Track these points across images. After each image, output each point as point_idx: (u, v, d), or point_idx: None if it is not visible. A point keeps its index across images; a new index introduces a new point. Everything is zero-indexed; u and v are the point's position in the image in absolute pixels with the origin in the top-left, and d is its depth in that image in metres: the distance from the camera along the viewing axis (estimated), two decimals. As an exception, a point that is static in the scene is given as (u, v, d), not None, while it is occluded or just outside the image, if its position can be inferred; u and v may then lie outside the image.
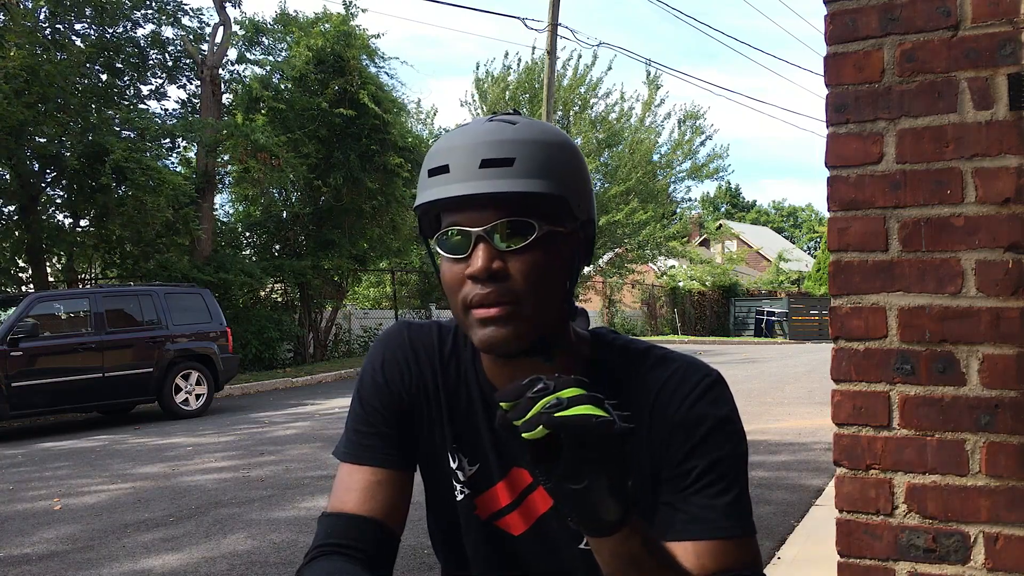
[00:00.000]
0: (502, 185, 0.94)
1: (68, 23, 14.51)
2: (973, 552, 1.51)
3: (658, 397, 1.03)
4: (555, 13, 18.31)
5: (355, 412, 1.12)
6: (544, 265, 0.97)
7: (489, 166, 0.94)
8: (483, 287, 0.95)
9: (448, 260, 0.99)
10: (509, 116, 1.00)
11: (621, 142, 25.16)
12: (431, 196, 0.97)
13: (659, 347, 1.09)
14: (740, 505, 1.00)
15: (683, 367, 1.05)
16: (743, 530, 0.99)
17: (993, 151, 1.50)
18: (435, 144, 1.01)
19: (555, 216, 0.98)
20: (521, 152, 0.95)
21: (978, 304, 1.51)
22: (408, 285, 22.15)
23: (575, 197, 0.99)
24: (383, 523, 1.05)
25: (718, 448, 1.00)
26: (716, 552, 0.97)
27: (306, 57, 16.31)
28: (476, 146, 0.96)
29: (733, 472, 1.01)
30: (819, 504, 4.89)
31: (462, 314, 0.99)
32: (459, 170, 0.95)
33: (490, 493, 1.09)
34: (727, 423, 1.02)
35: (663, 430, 1.02)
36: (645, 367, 1.06)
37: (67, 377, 9.79)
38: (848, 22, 1.60)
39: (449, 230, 0.98)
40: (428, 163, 0.99)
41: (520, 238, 0.96)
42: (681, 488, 1.00)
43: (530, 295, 0.96)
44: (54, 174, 14.27)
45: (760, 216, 69.13)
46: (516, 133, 0.97)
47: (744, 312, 32.26)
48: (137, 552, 4.57)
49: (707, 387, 1.03)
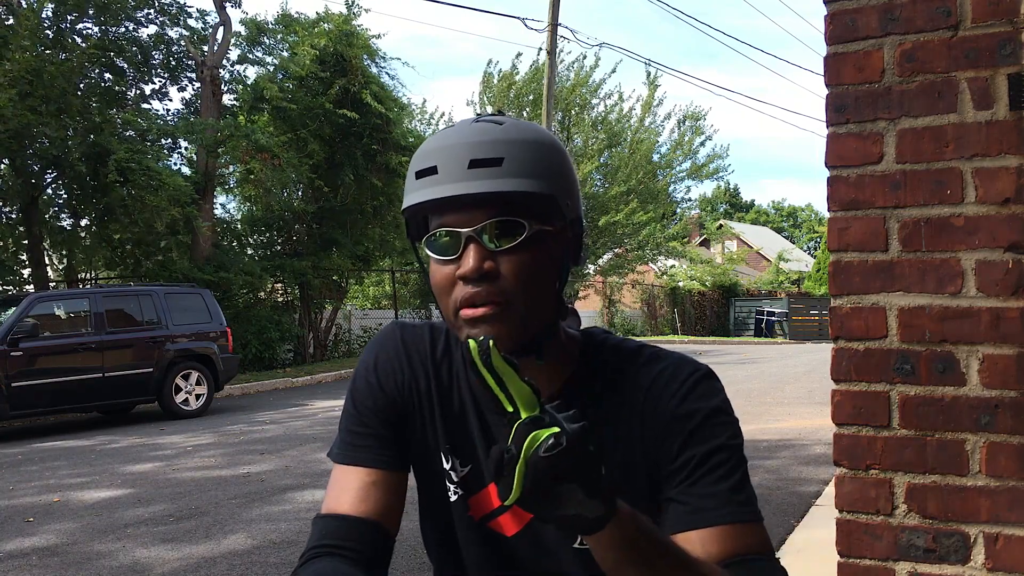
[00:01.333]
0: (491, 185, 0.94)
1: (71, 23, 14.51)
2: (973, 552, 1.51)
3: (649, 393, 1.03)
4: (555, 13, 18.31)
5: (348, 413, 1.11)
6: (534, 264, 0.97)
7: (478, 166, 0.94)
8: (473, 287, 0.95)
9: (438, 262, 0.99)
10: (495, 116, 1.00)
11: (621, 142, 25.17)
12: (420, 198, 0.96)
13: (650, 346, 1.09)
14: (742, 491, 1.00)
15: (673, 363, 1.05)
16: (748, 515, 0.99)
17: (993, 151, 1.50)
18: (421, 146, 1.01)
19: (544, 215, 0.98)
20: (509, 152, 0.95)
21: (978, 304, 1.51)
22: (408, 285, 22.15)
23: (563, 196, 0.99)
24: (378, 524, 1.05)
25: (713, 437, 1.00)
26: (722, 538, 0.96)
27: (310, 55, 16.31)
28: (464, 146, 0.95)
29: (731, 460, 1.01)
30: (819, 504, 4.89)
31: (452, 316, 0.99)
32: (447, 171, 0.95)
33: (483, 494, 1.09)
34: (719, 413, 1.02)
35: (656, 427, 1.02)
36: (636, 365, 1.06)
37: (67, 377, 9.79)
38: (848, 22, 1.60)
39: (438, 231, 0.98)
40: (415, 165, 0.98)
41: (510, 238, 0.96)
42: (681, 480, 1.00)
43: (521, 294, 0.96)
44: (55, 174, 14.28)
45: (760, 216, 69.13)
46: (503, 133, 0.97)
47: (744, 312, 32.25)
48: (137, 551, 4.57)
49: (697, 381, 1.03)
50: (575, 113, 24.68)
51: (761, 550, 0.97)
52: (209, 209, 16.08)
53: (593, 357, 1.08)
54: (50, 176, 14.35)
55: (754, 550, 0.97)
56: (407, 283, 22.15)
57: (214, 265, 15.24)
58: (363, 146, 16.73)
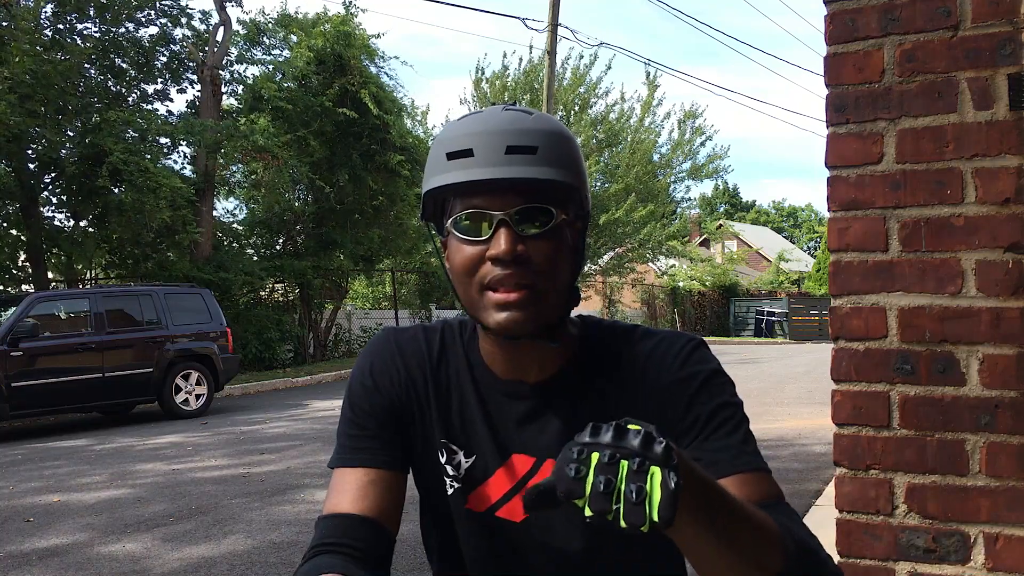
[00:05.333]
0: (527, 172, 0.97)
1: (70, 23, 14.51)
2: (973, 552, 1.51)
3: (648, 363, 1.06)
4: (555, 13, 18.30)
5: (346, 418, 1.13)
6: (558, 251, 1.01)
7: (514, 152, 0.97)
8: (504, 269, 0.98)
9: (465, 242, 1.01)
10: (523, 108, 1.03)
11: (621, 142, 25.16)
12: (454, 178, 0.99)
13: (644, 326, 1.13)
14: (751, 443, 1.03)
15: (668, 336, 1.09)
16: (761, 464, 1.01)
17: (993, 151, 1.50)
18: (448, 129, 1.03)
19: (566, 206, 1.02)
20: (542, 141, 0.99)
21: (978, 304, 1.51)
22: (408, 285, 22.14)
23: (584, 189, 1.04)
24: (378, 522, 1.05)
25: (717, 395, 1.04)
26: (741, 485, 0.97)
27: (307, 57, 16.31)
28: (501, 133, 0.98)
29: (736, 415, 1.04)
30: (819, 504, 4.88)
31: (477, 295, 1.01)
32: (484, 155, 0.98)
33: (486, 485, 1.10)
34: (718, 375, 1.06)
35: (659, 393, 1.05)
36: (632, 341, 1.09)
37: (67, 377, 9.79)
38: (848, 22, 1.60)
39: (471, 212, 1.00)
40: (446, 147, 1.00)
41: (539, 224, 0.99)
42: (693, 438, 1.02)
43: (548, 279, 1.00)
44: (54, 175, 14.27)
45: (760, 216, 69.11)
46: (535, 123, 1.00)
47: (744, 312, 32.25)
48: (137, 551, 4.57)
49: (693, 348, 1.07)
50: (575, 112, 24.68)
51: (779, 496, 1.00)
52: (209, 210, 16.07)
53: (590, 338, 1.11)
54: (49, 177, 14.34)
55: (773, 495, 0.99)
56: (406, 283, 22.16)
57: (214, 265, 15.23)
58: (362, 146, 16.73)
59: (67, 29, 14.42)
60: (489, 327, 1.01)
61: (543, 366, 1.08)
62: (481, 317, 1.02)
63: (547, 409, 1.08)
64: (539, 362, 1.07)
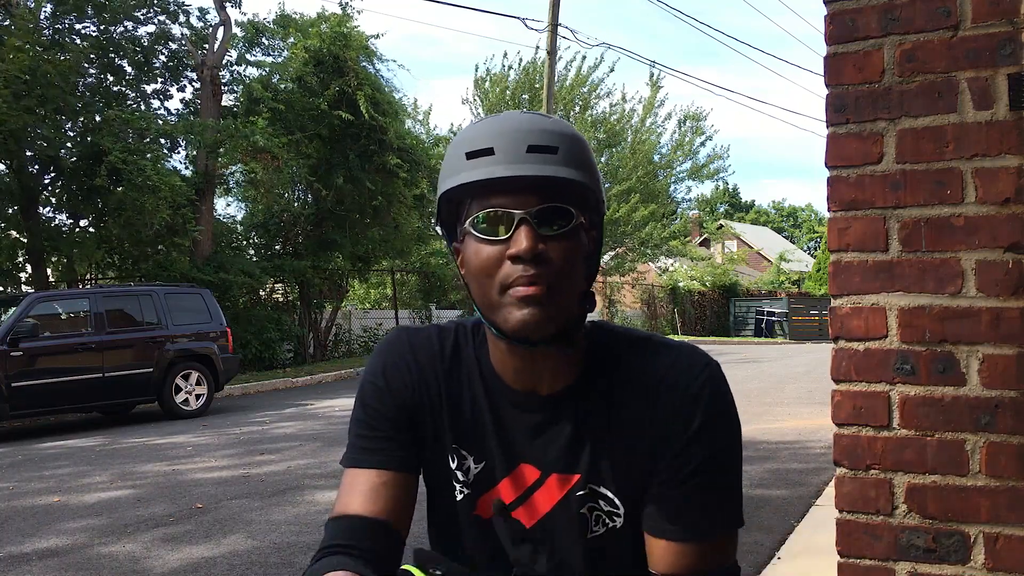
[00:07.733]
0: (549, 170, 0.97)
1: (69, 23, 14.50)
2: (973, 552, 1.51)
3: (661, 383, 1.05)
4: (555, 13, 18.30)
5: (358, 419, 1.12)
6: (576, 253, 1.01)
7: (535, 151, 0.98)
8: (525, 268, 0.97)
9: (484, 242, 1.00)
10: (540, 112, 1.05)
11: (622, 142, 25.17)
12: (475, 176, 0.98)
13: (659, 335, 1.12)
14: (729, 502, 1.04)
15: (683, 355, 1.07)
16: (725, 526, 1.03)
17: (993, 151, 1.50)
18: (466, 131, 1.03)
19: (584, 209, 1.02)
20: (562, 143, 0.99)
21: (978, 304, 1.51)
22: (407, 285, 22.13)
23: (600, 194, 1.05)
24: (388, 523, 1.05)
25: (715, 441, 1.03)
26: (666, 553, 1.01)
27: (303, 58, 16.30)
28: (521, 132, 0.99)
29: (728, 463, 1.04)
30: (819, 504, 4.88)
31: (496, 295, 0.99)
32: (505, 153, 0.98)
33: (493, 491, 1.10)
34: (724, 416, 1.05)
35: (664, 415, 1.04)
36: (647, 353, 1.08)
37: (67, 377, 9.78)
38: (848, 22, 1.60)
39: (490, 212, 0.99)
40: (465, 147, 1.00)
41: (559, 224, 0.99)
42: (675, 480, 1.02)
43: (566, 280, 0.99)
44: (53, 175, 14.26)
45: (760, 216, 69.10)
46: (554, 125, 1.01)
47: (744, 312, 32.24)
48: (137, 552, 4.56)
49: (708, 377, 1.05)
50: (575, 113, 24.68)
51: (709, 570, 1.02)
52: (208, 210, 16.07)
53: (603, 347, 1.09)
54: (48, 176, 14.33)
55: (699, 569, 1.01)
56: (406, 283, 22.15)
57: (214, 265, 15.23)
58: (359, 147, 16.72)
59: (66, 29, 14.42)
60: (506, 330, 1.00)
61: (555, 377, 1.06)
62: (498, 319, 1.00)
63: (557, 423, 1.07)
64: (551, 372, 1.06)
